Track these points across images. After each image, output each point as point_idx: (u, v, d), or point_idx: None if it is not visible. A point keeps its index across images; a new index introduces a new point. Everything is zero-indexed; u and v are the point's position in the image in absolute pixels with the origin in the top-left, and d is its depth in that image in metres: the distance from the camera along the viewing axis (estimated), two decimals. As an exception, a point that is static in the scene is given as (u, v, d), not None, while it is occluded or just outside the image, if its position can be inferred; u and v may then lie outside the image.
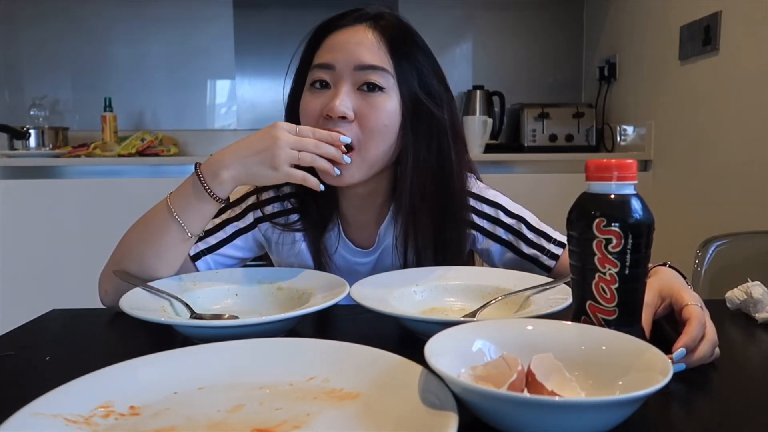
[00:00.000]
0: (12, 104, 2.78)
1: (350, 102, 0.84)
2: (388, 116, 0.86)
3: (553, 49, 3.02)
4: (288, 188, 0.97)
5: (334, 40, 0.88)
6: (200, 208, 0.81)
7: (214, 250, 0.94)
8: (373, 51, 0.86)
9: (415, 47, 0.90)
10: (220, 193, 0.81)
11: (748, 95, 1.85)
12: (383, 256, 0.98)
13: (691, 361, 0.58)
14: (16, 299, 2.17)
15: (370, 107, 0.85)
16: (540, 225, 0.97)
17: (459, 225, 0.94)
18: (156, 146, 2.55)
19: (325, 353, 0.56)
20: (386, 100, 0.86)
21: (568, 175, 2.32)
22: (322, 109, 0.85)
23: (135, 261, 0.84)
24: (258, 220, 0.97)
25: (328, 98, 0.85)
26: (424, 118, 0.89)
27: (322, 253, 0.97)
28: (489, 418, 0.45)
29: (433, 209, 0.91)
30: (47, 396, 0.47)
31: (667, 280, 0.68)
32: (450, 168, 0.91)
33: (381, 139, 0.86)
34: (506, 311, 0.76)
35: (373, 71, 0.85)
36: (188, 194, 0.81)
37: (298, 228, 0.97)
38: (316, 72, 0.87)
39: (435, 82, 0.90)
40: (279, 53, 2.88)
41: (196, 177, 0.81)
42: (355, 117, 0.85)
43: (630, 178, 0.55)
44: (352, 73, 0.85)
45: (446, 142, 0.90)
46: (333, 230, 0.98)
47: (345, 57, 0.86)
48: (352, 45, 0.86)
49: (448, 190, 0.92)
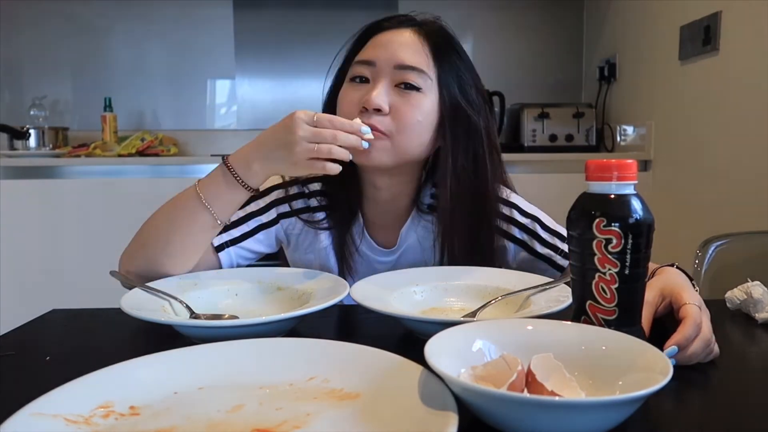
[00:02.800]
0: (12, 104, 2.78)
1: (386, 96, 0.86)
2: (421, 113, 0.88)
3: (553, 49, 3.02)
4: (315, 185, 0.99)
5: (378, 39, 0.91)
6: (232, 197, 0.83)
7: (237, 243, 0.95)
8: (414, 52, 0.88)
9: (456, 56, 0.92)
10: (252, 184, 0.83)
11: (748, 95, 1.85)
12: (404, 256, 0.99)
13: (682, 358, 0.58)
14: (16, 299, 2.17)
15: (404, 103, 0.87)
16: (555, 225, 0.98)
17: (493, 232, 0.95)
18: (156, 146, 2.55)
19: (325, 353, 0.56)
20: (422, 99, 0.88)
21: (568, 175, 2.32)
22: (359, 101, 0.87)
23: (160, 246, 0.84)
24: (281, 215, 0.98)
25: (366, 91, 0.87)
26: (462, 123, 0.91)
27: (346, 249, 0.98)
28: (489, 418, 0.45)
29: (468, 215, 0.93)
30: (47, 396, 0.47)
31: (670, 279, 0.68)
32: (485, 176, 0.93)
33: (414, 133, 0.88)
34: (506, 311, 0.76)
35: (412, 71, 0.87)
36: (219, 183, 0.82)
37: (325, 226, 0.98)
38: (356, 67, 0.90)
39: (474, 92, 0.93)
40: (279, 53, 2.88)
41: (226, 168, 0.82)
42: (390, 111, 0.86)
43: (630, 178, 0.55)
44: (392, 71, 0.88)
45: (481, 149, 0.92)
46: (357, 228, 0.99)
47: (387, 55, 0.88)
48: (395, 44, 0.89)
49: (483, 198, 0.93)
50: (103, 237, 2.04)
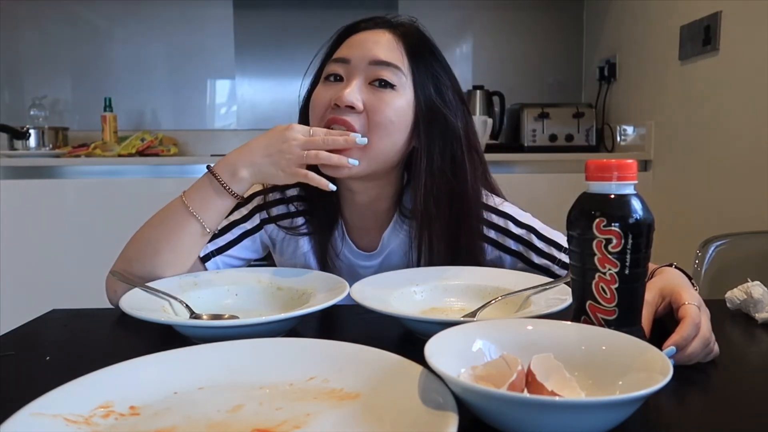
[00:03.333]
0: (12, 104, 2.78)
1: (360, 94, 0.86)
2: (395, 112, 0.87)
3: (553, 49, 3.02)
4: (293, 191, 0.98)
5: (353, 39, 0.91)
6: (218, 205, 0.84)
7: (223, 252, 0.95)
8: (389, 49, 0.88)
9: (432, 57, 0.92)
10: (238, 190, 0.83)
11: (748, 95, 1.85)
12: (388, 260, 0.98)
13: (681, 358, 0.58)
14: (16, 299, 2.17)
15: (378, 101, 0.86)
16: (551, 234, 0.96)
17: (474, 236, 0.94)
18: (156, 146, 2.55)
19: (325, 353, 0.56)
20: (396, 97, 0.87)
21: (568, 175, 2.32)
22: (331, 99, 0.86)
23: (149, 258, 0.84)
24: (264, 221, 0.98)
25: (339, 89, 0.86)
26: (438, 123, 0.90)
27: (327, 254, 0.98)
28: (489, 418, 0.45)
29: (446, 217, 0.92)
30: (47, 396, 0.47)
31: (669, 279, 0.68)
32: (464, 176, 0.91)
33: (386, 134, 0.86)
34: (506, 311, 0.76)
35: (386, 67, 0.87)
36: (206, 192, 0.83)
37: (304, 232, 0.97)
38: (331, 66, 0.90)
39: (450, 92, 0.92)
40: (279, 53, 2.88)
41: (212, 176, 0.83)
42: (364, 109, 0.86)
43: (630, 178, 0.55)
44: (366, 67, 0.87)
45: (460, 151, 0.91)
46: (337, 233, 0.98)
47: (361, 52, 0.88)
48: (369, 42, 0.89)
49: (462, 199, 0.92)
50: (103, 237, 2.04)
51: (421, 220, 0.91)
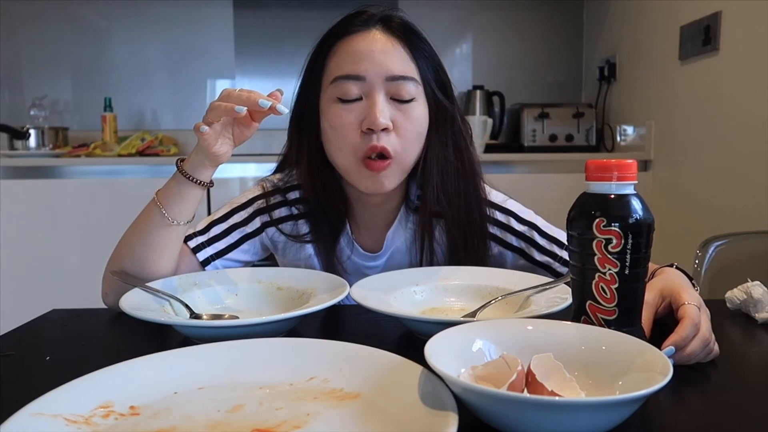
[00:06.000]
0: (12, 104, 2.78)
1: (388, 112, 0.85)
2: (420, 124, 0.88)
3: (553, 49, 3.02)
4: (295, 194, 0.98)
5: (352, 47, 0.87)
6: (179, 191, 0.83)
7: (222, 255, 0.94)
8: (400, 59, 0.87)
9: (425, 46, 0.91)
10: (197, 174, 0.82)
11: (748, 95, 1.85)
12: (392, 260, 0.98)
13: (680, 358, 0.58)
14: (16, 299, 2.17)
15: (405, 117, 0.86)
16: (552, 231, 0.96)
17: (478, 229, 0.94)
18: (156, 146, 2.55)
19: (325, 353, 0.56)
20: (417, 108, 0.88)
21: (568, 175, 2.32)
22: (360, 122, 0.85)
23: (129, 257, 0.85)
24: (265, 224, 0.98)
25: (363, 110, 0.85)
26: (443, 116, 0.91)
27: (333, 259, 0.97)
28: (489, 418, 0.45)
29: (456, 208, 0.92)
30: (47, 396, 0.47)
31: (670, 279, 0.68)
32: (471, 161, 0.93)
33: (417, 146, 0.89)
34: (506, 311, 0.76)
35: (404, 81, 0.86)
36: (170, 183, 0.85)
37: (308, 240, 0.97)
38: (344, 84, 0.85)
39: (444, 75, 0.92)
40: (279, 53, 2.88)
41: (177, 168, 0.84)
42: (393, 127, 0.86)
43: (630, 178, 0.55)
44: (383, 83, 0.86)
45: (461, 137, 0.93)
46: (344, 238, 0.97)
47: (375, 67, 0.85)
48: (378, 54, 0.86)
49: (471, 187, 0.93)
50: (103, 237, 2.03)
51: (430, 215, 0.92)
